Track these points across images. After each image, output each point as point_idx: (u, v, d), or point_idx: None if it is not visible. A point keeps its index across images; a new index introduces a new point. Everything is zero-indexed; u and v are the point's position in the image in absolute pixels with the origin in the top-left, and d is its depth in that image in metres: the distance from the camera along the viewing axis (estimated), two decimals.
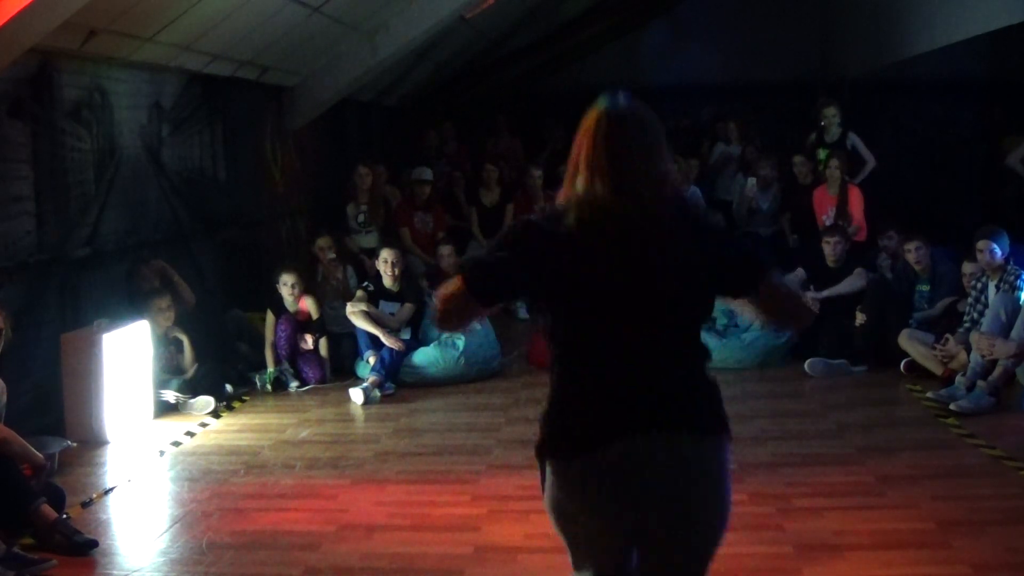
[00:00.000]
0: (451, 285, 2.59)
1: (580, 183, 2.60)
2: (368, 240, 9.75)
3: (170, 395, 6.94)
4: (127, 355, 6.47)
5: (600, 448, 2.53)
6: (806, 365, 7.58)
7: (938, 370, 7.14)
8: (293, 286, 7.72)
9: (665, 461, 2.53)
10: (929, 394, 6.76)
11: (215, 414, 6.92)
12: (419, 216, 10.24)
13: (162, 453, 6.10)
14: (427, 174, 10.47)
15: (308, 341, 7.76)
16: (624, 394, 2.56)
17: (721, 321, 8.13)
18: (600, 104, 2.66)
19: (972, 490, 5.04)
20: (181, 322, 7.15)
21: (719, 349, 7.91)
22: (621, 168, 2.58)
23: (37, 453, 4.88)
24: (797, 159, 10.17)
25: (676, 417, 2.56)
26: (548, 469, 2.63)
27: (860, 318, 7.72)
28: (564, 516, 2.62)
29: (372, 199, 9.95)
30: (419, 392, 7.43)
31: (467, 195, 11.39)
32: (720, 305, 2.72)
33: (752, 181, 10.60)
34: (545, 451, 2.63)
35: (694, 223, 2.68)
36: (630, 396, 2.56)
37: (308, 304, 7.83)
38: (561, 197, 2.65)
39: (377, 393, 7.26)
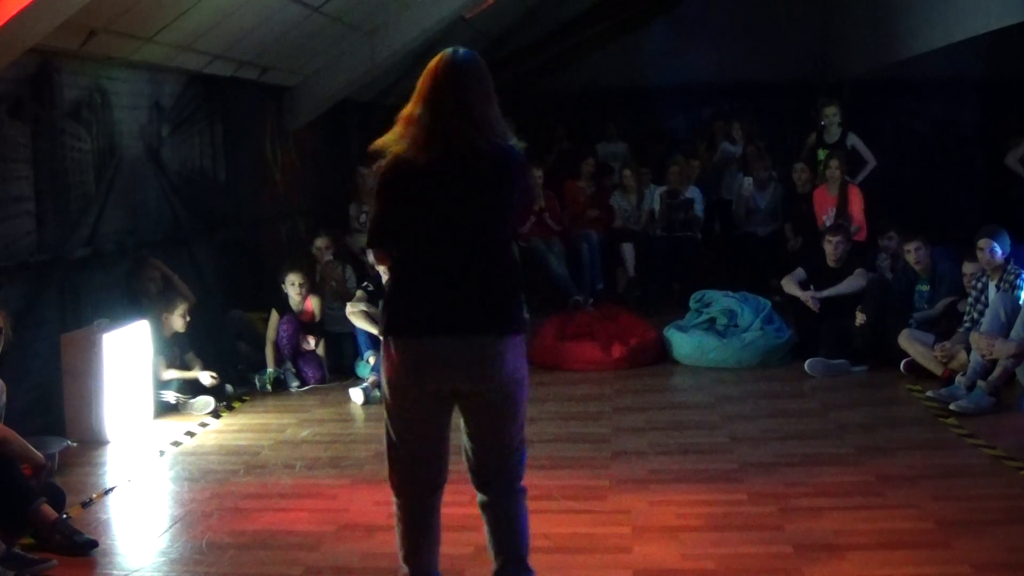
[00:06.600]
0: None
1: (414, 113, 3.46)
2: None
3: (170, 395, 6.94)
4: (127, 355, 6.47)
5: (423, 336, 3.46)
6: (806, 365, 7.58)
7: (938, 370, 7.13)
8: (300, 285, 7.71)
9: (464, 349, 3.44)
10: (929, 394, 6.75)
11: (215, 414, 6.92)
12: None
13: (162, 453, 6.11)
14: None
15: (311, 342, 7.77)
16: (437, 300, 3.45)
17: (721, 321, 8.13)
18: (444, 52, 3.43)
19: (972, 490, 5.03)
20: None
21: (719, 349, 7.92)
22: (445, 107, 3.37)
23: (37, 453, 4.88)
24: (798, 166, 10.16)
25: (472, 323, 3.44)
26: (390, 345, 3.51)
27: (860, 318, 7.71)
28: (395, 382, 3.55)
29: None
30: None
31: None
32: (720, 304, 2.83)
33: (749, 181, 10.62)
34: (387, 331, 3.54)
35: (501, 164, 3.41)
36: (441, 303, 3.44)
37: (313, 304, 7.83)
38: (399, 127, 3.53)
39: (377, 393, 7.24)
